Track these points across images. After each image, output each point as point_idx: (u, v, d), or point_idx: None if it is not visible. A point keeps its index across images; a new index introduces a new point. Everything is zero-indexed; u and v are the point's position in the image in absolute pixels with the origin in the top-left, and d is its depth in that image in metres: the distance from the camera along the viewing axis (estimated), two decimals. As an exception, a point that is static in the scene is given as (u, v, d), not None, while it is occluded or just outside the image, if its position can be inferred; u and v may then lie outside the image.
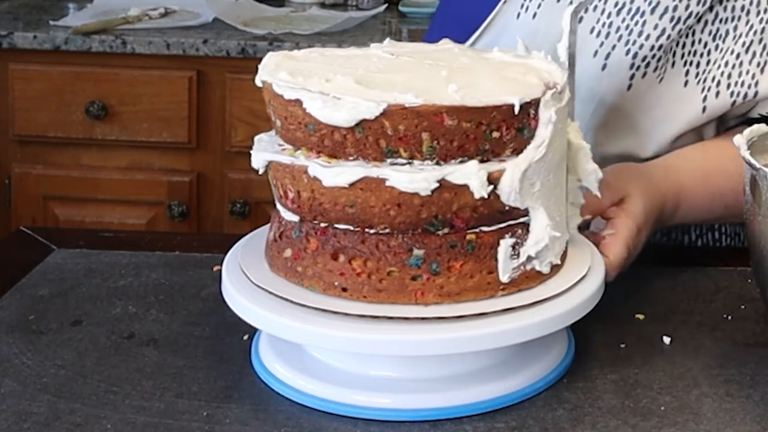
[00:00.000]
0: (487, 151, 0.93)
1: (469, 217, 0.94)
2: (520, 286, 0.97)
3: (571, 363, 1.02)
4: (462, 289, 0.95)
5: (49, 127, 2.54)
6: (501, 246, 0.95)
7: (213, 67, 2.51)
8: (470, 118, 0.91)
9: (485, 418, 0.95)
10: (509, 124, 0.93)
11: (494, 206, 0.94)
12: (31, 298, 1.14)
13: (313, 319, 0.93)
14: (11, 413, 0.94)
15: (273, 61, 1.01)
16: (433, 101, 0.90)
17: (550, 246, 0.97)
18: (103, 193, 2.58)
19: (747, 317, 1.12)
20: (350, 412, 0.95)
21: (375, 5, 2.85)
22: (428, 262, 0.94)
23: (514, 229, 0.96)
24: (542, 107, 0.94)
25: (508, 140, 0.94)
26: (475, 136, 0.92)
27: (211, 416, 0.94)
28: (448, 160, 0.92)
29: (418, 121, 0.90)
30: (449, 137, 0.91)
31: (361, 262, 0.94)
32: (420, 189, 0.91)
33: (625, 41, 1.26)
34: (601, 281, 1.01)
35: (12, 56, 2.52)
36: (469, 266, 0.95)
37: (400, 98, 0.90)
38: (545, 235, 0.96)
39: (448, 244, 0.94)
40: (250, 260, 1.01)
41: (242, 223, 2.54)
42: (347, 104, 0.91)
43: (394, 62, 1.01)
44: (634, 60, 1.26)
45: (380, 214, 0.93)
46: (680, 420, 0.95)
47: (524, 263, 0.97)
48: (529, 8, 1.31)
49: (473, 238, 0.95)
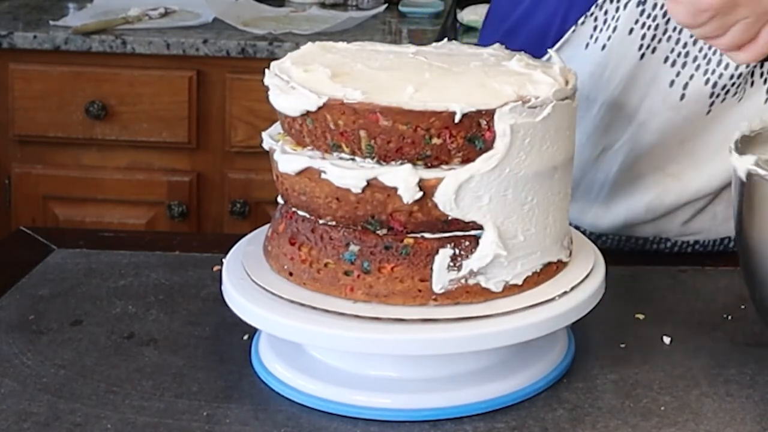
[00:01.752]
0: (429, 157, 0.92)
1: (406, 221, 0.93)
2: (458, 299, 0.94)
3: (571, 363, 1.02)
4: (390, 292, 0.94)
5: (49, 127, 2.54)
6: (439, 255, 0.94)
7: (213, 67, 2.51)
8: (406, 121, 0.91)
9: (485, 418, 0.95)
10: (454, 132, 0.91)
11: (433, 214, 0.92)
12: (31, 298, 1.14)
13: (313, 318, 0.93)
14: (11, 413, 0.94)
15: (305, 50, 1.04)
16: (371, 100, 0.91)
17: (503, 264, 0.94)
18: (103, 193, 2.58)
19: (747, 317, 1.12)
20: (350, 412, 0.95)
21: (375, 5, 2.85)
22: (361, 259, 0.94)
23: (459, 241, 0.94)
24: (497, 119, 0.92)
25: (454, 149, 0.92)
26: (413, 140, 0.91)
27: (211, 416, 0.94)
28: (388, 161, 0.92)
29: (355, 117, 0.92)
30: (386, 137, 0.92)
31: (307, 250, 0.97)
32: (351, 185, 0.92)
33: (703, 71, 1.23)
34: (602, 281, 1.01)
35: (12, 56, 2.52)
36: (400, 270, 0.94)
37: (340, 93, 0.92)
38: (490, 252, 0.93)
39: (384, 244, 0.94)
40: (251, 260, 1.01)
41: (242, 223, 2.53)
42: (294, 94, 0.94)
43: (398, 61, 1.01)
44: (714, 89, 1.24)
45: (324, 206, 0.94)
46: (680, 420, 0.95)
47: (466, 277, 0.94)
48: (599, 39, 1.26)
49: (411, 243, 0.94)
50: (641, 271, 1.21)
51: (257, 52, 2.44)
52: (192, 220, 2.59)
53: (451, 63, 1.01)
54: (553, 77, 0.98)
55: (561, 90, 0.96)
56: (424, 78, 0.96)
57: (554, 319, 0.95)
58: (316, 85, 0.94)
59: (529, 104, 0.93)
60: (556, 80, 0.97)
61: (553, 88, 0.96)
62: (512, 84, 0.95)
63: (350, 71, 0.97)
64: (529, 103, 0.93)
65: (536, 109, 0.94)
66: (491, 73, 0.98)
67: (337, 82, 0.94)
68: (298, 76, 0.96)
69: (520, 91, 0.94)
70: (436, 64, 1.00)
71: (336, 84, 0.93)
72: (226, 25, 2.58)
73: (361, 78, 0.96)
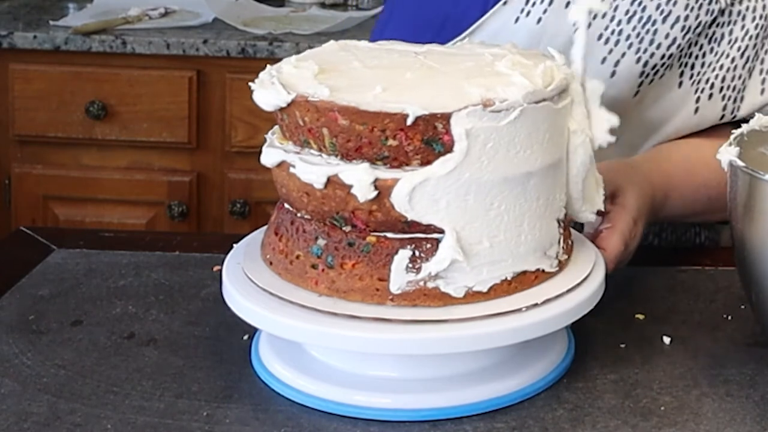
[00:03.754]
0: (388, 158, 0.92)
1: (368, 219, 0.93)
2: (416, 302, 0.93)
3: (571, 363, 1.02)
4: (350, 289, 0.94)
5: (49, 127, 2.54)
6: (398, 255, 0.93)
7: (213, 67, 2.51)
8: (363, 121, 0.91)
9: (485, 418, 0.95)
10: (410, 134, 0.91)
11: (392, 214, 0.92)
12: (31, 298, 1.14)
13: (313, 318, 0.93)
14: (11, 413, 0.94)
15: (323, 48, 1.06)
16: (333, 99, 0.91)
17: (465, 270, 0.93)
18: (103, 193, 2.58)
19: (747, 317, 1.12)
20: (350, 412, 0.95)
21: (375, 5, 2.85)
22: (327, 253, 0.95)
23: (420, 243, 0.93)
24: (453, 123, 0.90)
25: (411, 151, 0.91)
26: (370, 140, 0.91)
27: (211, 416, 0.94)
28: (350, 159, 0.93)
29: (318, 115, 0.92)
30: (345, 136, 0.92)
31: (285, 241, 0.98)
32: (312, 181, 0.93)
33: (635, 49, 1.25)
34: (602, 281, 1.01)
35: (12, 56, 2.52)
36: (360, 267, 0.94)
37: (310, 90, 0.93)
38: (448, 256, 0.92)
39: (347, 241, 0.94)
40: (251, 260, 1.01)
41: (242, 223, 2.54)
42: (270, 90, 0.95)
43: (396, 60, 1.01)
44: (645, 68, 1.25)
45: (298, 200, 0.96)
46: (680, 420, 0.95)
47: (425, 280, 0.93)
48: (532, 13, 1.27)
49: (373, 241, 0.94)
50: (641, 271, 1.21)
51: (257, 52, 2.44)
52: (192, 220, 2.59)
53: (444, 63, 1.00)
54: (531, 78, 0.95)
55: (534, 92, 0.93)
56: (404, 78, 0.96)
57: (554, 318, 0.95)
58: (296, 80, 0.95)
59: (491, 108, 0.91)
60: (533, 82, 0.94)
61: (524, 90, 0.93)
62: (485, 86, 0.93)
63: (341, 69, 0.98)
64: (492, 107, 0.91)
65: (500, 113, 0.91)
66: (473, 75, 0.97)
67: (319, 79, 0.95)
68: (287, 71, 0.97)
69: (488, 93, 0.92)
70: (428, 64, 1.00)
71: (315, 81, 0.94)
72: (226, 25, 2.58)
73: (344, 76, 0.96)
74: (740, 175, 0.99)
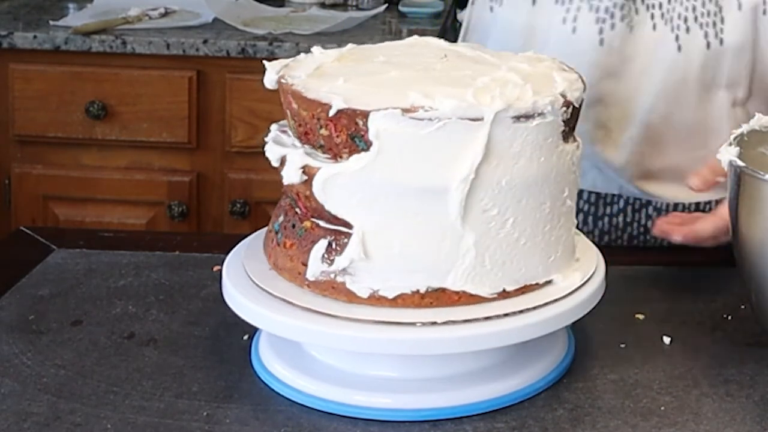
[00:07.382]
0: (323, 147, 0.94)
1: (305, 204, 0.95)
2: (325, 292, 0.94)
3: (571, 363, 1.02)
4: (283, 267, 0.97)
5: (49, 127, 2.54)
6: (318, 245, 0.94)
7: (213, 67, 2.51)
8: (305, 107, 0.93)
9: (485, 418, 0.95)
10: (338, 126, 0.91)
11: (317, 203, 0.94)
12: (31, 298, 1.14)
13: (312, 318, 0.93)
14: (11, 413, 0.94)
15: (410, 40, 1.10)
16: (295, 84, 0.95)
17: (370, 271, 0.93)
18: (103, 193, 2.58)
19: (747, 317, 1.12)
20: (350, 412, 0.95)
21: (375, 5, 2.85)
22: (280, 232, 0.98)
23: (339, 236, 0.94)
24: (370, 122, 0.90)
25: (340, 143, 0.92)
26: (310, 126, 0.94)
27: (211, 416, 0.94)
28: (303, 144, 0.96)
29: (284, 97, 0.97)
30: (297, 120, 0.95)
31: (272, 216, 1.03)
32: (272, 159, 0.97)
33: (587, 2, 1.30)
34: (602, 281, 1.01)
35: (12, 56, 2.52)
36: (293, 250, 0.97)
37: (290, 74, 0.97)
38: (351, 253, 0.92)
39: (292, 222, 0.97)
40: (251, 260, 1.01)
41: (242, 223, 2.53)
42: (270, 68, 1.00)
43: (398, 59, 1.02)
44: (598, 13, 1.30)
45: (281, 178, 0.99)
46: (680, 420, 0.95)
47: (336, 273, 0.93)
48: None
49: (307, 226, 0.96)
50: (641, 271, 1.21)
51: (257, 53, 2.43)
52: (192, 220, 2.59)
53: (455, 67, 1.00)
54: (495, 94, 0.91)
55: (467, 108, 0.90)
56: (388, 76, 0.97)
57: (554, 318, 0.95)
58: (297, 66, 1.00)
59: (411, 115, 0.89)
60: (493, 98, 0.90)
61: (460, 103, 0.90)
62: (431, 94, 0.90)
63: (358, 59, 1.02)
64: (413, 114, 0.89)
65: (423, 121, 0.89)
66: (452, 80, 0.95)
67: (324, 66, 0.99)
68: (315, 53, 1.03)
69: (423, 100, 0.90)
70: (424, 64, 1.00)
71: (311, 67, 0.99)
72: (226, 25, 2.58)
73: (350, 67, 1.00)
74: (740, 175, 0.99)
